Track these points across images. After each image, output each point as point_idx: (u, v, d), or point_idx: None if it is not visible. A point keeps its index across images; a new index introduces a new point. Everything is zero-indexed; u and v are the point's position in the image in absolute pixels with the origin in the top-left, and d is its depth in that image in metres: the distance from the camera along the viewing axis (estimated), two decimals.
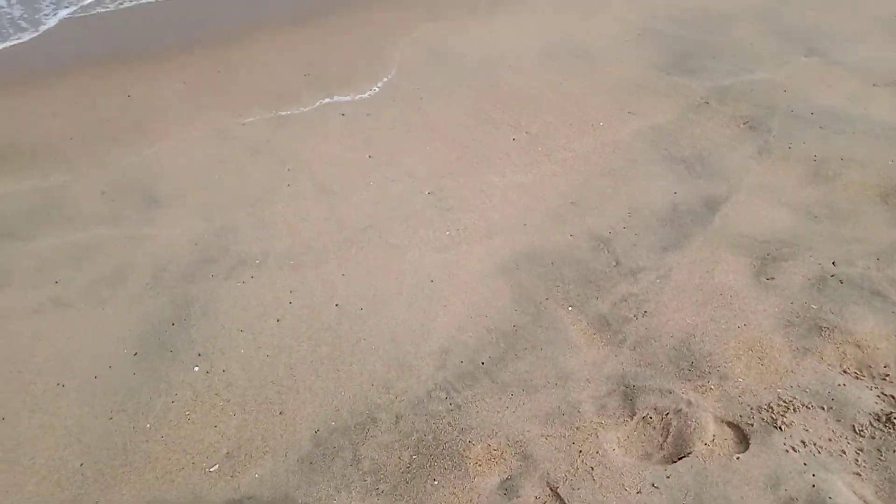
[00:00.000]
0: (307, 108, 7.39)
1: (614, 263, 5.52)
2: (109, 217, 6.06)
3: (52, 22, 8.82)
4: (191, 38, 8.63)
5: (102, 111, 7.32)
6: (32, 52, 8.32)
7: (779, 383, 4.49)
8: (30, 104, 7.42)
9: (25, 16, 8.94)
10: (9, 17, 8.92)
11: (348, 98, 7.53)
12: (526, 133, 6.95)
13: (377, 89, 7.63)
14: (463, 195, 6.25)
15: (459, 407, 4.49)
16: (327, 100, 7.51)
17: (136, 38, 8.59)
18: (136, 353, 4.91)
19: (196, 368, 4.80)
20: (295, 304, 5.26)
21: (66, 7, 9.05)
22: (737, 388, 4.47)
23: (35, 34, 8.59)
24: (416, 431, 4.36)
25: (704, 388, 4.49)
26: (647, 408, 4.41)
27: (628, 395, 4.49)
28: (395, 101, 7.43)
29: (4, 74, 7.88)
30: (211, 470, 4.21)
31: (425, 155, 6.73)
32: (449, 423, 4.39)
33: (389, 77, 7.79)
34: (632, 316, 5.05)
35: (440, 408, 4.49)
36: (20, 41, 8.45)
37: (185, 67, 8.03)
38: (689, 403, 4.38)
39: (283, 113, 7.30)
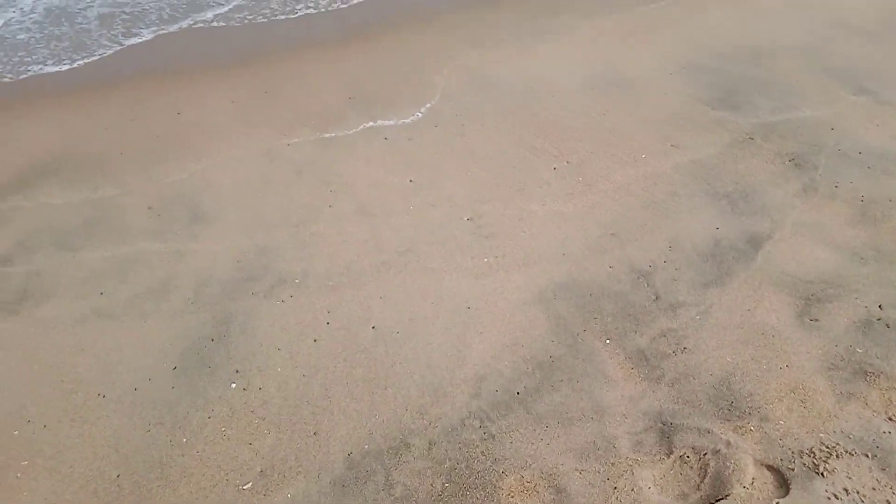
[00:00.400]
0: (351, 131, 7.49)
1: (654, 297, 5.46)
2: (155, 231, 6.19)
3: (118, 46, 9.13)
4: (240, 57, 8.83)
5: (153, 127, 7.50)
6: (92, 68, 8.59)
7: (821, 428, 4.39)
8: (85, 118, 7.65)
9: (94, 37, 9.25)
10: (77, 37, 9.24)
11: (391, 122, 7.62)
12: (567, 162, 6.95)
13: (420, 114, 7.71)
14: (502, 222, 6.26)
15: (493, 436, 4.47)
16: (371, 123, 7.61)
17: (188, 57, 8.82)
18: (175, 367, 4.99)
19: (233, 385, 4.86)
20: (332, 324, 5.30)
21: (136, 35, 9.35)
22: (778, 430, 4.38)
23: (104, 55, 8.88)
24: (449, 459, 4.34)
25: (744, 429, 4.40)
26: (684, 446, 4.34)
27: (665, 433, 4.43)
28: (437, 127, 7.49)
29: (65, 89, 8.14)
30: (244, 488, 4.24)
31: (466, 181, 6.77)
32: (482, 453, 4.36)
33: (433, 102, 7.87)
34: (670, 352, 4.99)
35: (474, 436, 4.47)
36: (86, 60, 8.74)
37: (234, 87, 8.21)
38: (728, 444, 4.30)
39: (327, 135, 7.41)
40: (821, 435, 4.33)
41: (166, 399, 4.77)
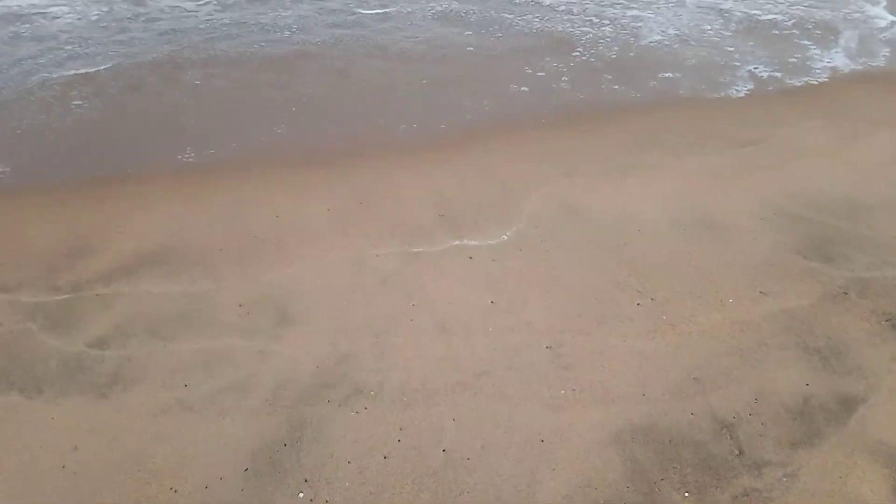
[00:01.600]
0: (438, 248, 7.70)
1: (737, 452, 5.23)
2: (243, 329, 6.41)
3: (231, 144, 9.81)
4: (340, 165, 9.31)
5: (253, 227, 7.91)
6: (205, 162, 9.22)
7: None
8: (192, 213, 8.14)
9: (206, 133, 9.99)
10: (194, 131, 10.01)
11: (477, 242, 7.80)
12: (651, 299, 6.90)
13: (506, 237, 7.87)
14: (581, 354, 6.20)
15: None
16: (457, 241, 7.81)
17: (289, 164, 9.36)
18: (246, 469, 5.03)
19: (301, 495, 4.85)
20: (403, 442, 5.28)
21: (244, 134, 10.05)
22: None
23: (215, 153, 9.55)
24: None
25: None
26: None
27: None
28: (522, 251, 7.62)
29: (178, 185, 8.73)
30: None
31: (547, 308, 6.79)
32: None
33: (519, 226, 8.03)
34: None
35: None
36: (193, 157, 9.41)
37: (331, 195, 8.62)
38: None
39: (415, 249, 7.62)
40: None
41: (235, 501, 4.79)
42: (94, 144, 9.65)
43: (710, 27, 14.07)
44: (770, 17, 14.81)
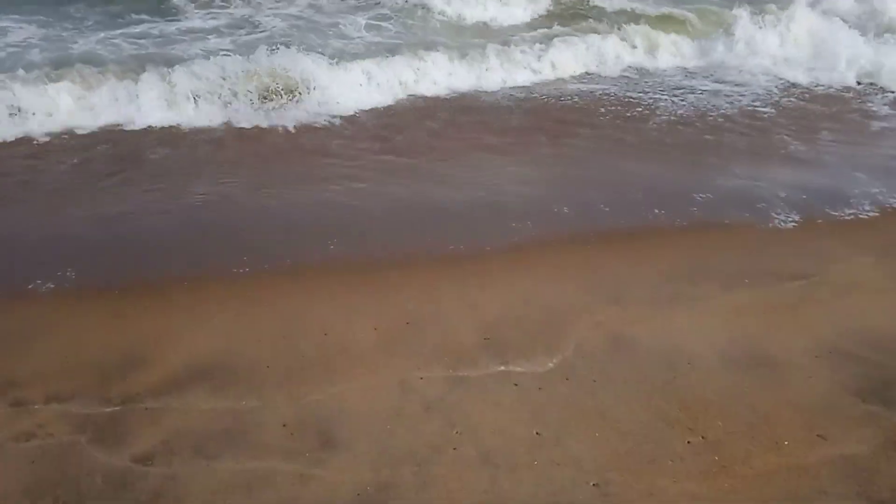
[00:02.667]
0: (482, 373, 7.67)
1: None
2: (286, 451, 6.39)
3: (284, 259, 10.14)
4: (387, 285, 9.47)
5: (300, 345, 8.02)
6: (258, 279, 9.48)
7: None
8: (243, 327, 8.31)
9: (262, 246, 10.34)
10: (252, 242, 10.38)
11: (523, 369, 7.75)
12: (702, 438, 6.70)
13: (552, 365, 7.81)
14: (629, 495, 6.00)
15: None
16: (502, 367, 7.77)
17: (340, 281, 9.55)
18: None
19: None
20: None
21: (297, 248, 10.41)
22: None
23: (262, 265, 9.86)
24: None
25: None
26: None
27: None
28: (568, 381, 7.53)
29: (231, 297, 8.96)
30: None
31: (594, 442, 6.63)
32: None
33: (566, 354, 7.98)
34: None
35: None
36: (260, 269, 9.71)
37: (379, 313, 8.72)
38: None
39: (459, 374, 7.61)
40: None
41: None
42: (154, 251, 10.06)
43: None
44: (811, 145, 15.00)
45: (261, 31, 18.91)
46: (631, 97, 16.96)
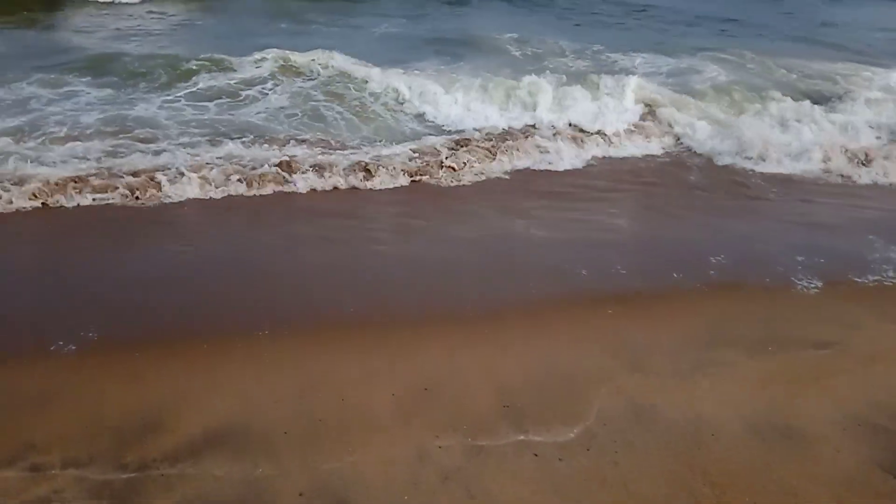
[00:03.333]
0: (502, 442, 7.54)
1: None
2: None
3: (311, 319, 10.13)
4: (404, 350, 9.42)
5: (317, 409, 7.96)
6: (278, 343, 9.47)
7: None
8: (261, 389, 8.27)
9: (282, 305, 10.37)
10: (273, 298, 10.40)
11: (542, 438, 7.61)
12: None
13: (573, 434, 7.67)
14: None
15: None
16: (522, 437, 7.64)
17: (358, 345, 9.53)
18: None
19: None
20: None
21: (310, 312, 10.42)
22: None
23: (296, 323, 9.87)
24: None
25: None
26: None
27: None
28: (589, 451, 7.38)
29: (250, 360, 8.95)
30: None
31: None
32: None
33: (587, 423, 7.84)
34: None
35: None
36: (280, 333, 9.71)
37: (396, 378, 8.67)
38: None
39: (478, 442, 7.49)
40: None
41: None
42: (175, 314, 10.11)
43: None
44: (832, 211, 14.96)
45: None
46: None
